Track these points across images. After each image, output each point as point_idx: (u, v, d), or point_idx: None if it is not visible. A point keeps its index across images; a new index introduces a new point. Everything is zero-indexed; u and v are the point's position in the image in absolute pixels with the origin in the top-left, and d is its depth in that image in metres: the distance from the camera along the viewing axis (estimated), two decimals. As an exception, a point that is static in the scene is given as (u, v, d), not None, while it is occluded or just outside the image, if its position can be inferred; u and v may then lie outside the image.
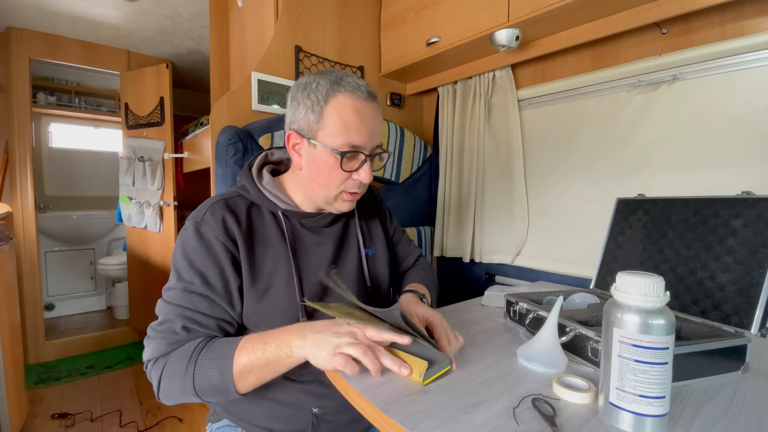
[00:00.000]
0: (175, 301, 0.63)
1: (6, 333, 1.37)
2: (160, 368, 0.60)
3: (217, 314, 0.64)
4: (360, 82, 0.67)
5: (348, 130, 0.64)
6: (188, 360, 0.58)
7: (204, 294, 0.63)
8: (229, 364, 0.56)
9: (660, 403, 0.41)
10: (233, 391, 0.57)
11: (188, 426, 1.69)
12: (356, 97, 0.65)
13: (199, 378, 0.57)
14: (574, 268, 1.18)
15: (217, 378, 0.57)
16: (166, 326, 0.61)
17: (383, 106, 1.58)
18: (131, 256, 2.58)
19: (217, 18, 1.59)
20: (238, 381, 0.56)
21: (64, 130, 3.30)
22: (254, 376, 0.57)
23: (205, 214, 0.67)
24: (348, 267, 0.78)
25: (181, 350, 0.60)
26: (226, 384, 0.56)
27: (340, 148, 0.65)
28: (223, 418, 0.75)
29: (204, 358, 0.58)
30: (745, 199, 0.68)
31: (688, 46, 0.95)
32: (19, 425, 1.50)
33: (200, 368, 0.57)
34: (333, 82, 0.65)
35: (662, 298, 0.41)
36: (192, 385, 0.57)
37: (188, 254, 0.64)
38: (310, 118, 0.66)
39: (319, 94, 0.65)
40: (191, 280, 0.63)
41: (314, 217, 0.75)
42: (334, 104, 0.64)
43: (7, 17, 2.09)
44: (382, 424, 0.46)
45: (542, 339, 0.60)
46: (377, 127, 0.68)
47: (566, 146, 1.21)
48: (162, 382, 0.59)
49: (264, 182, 0.74)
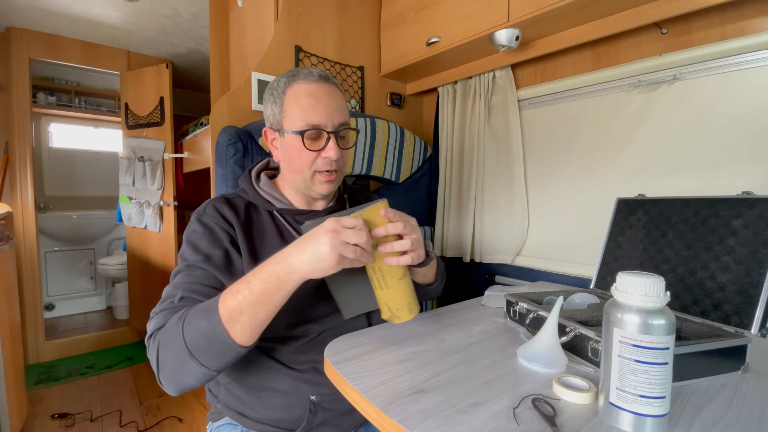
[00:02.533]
0: (177, 280, 0.65)
1: (6, 333, 1.37)
2: (157, 341, 0.58)
3: (216, 285, 0.65)
4: (313, 69, 0.74)
5: (305, 111, 0.70)
6: (177, 320, 0.57)
7: (204, 268, 0.66)
8: (214, 308, 0.55)
9: (660, 404, 0.41)
10: (228, 339, 0.54)
11: (188, 426, 1.69)
12: (308, 81, 0.72)
13: (189, 331, 0.55)
14: (574, 268, 1.18)
15: (204, 325, 0.54)
16: (167, 302, 0.63)
17: (383, 107, 1.58)
18: (131, 256, 2.58)
19: (217, 18, 1.59)
20: (230, 325, 0.54)
21: (64, 130, 3.30)
22: (247, 317, 0.54)
23: (206, 208, 0.73)
24: None
25: (173, 317, 0.59)
26: (216, 329, 0.54)
27: (301, 128, 0.70)
28: (224, 416, 0.75)
29: (192, 312, 0.57)
30: (745, 199, 0.68)
31: (688, 46, 0.95)
32: (19, 425, 1.50)
33: (188, 322, 0.56)
34: (289, 76, 0.73)
35: (662, 298, 0.41)
36: (183, 341, 0.55)
37: (192, 240, 0.69)
38: (275, 110, 0.74)
39: (279, 89, 0.73)
40: (194, 260, 0.66)
41: (307, 213, 0.78)
42: (290, 93, 0.72)
43: (7, 17, 2.09)
44: (382, 424, 0.46)
45: (542, 339, 0.60)
46: (336, 106, 0.72)
47: (566, 146, 1.21)
48: (159, 355, 0.57)
49: (261, 184, 0.80)
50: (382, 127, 1.32)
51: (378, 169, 1.34)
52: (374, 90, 1.54)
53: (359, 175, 1.31)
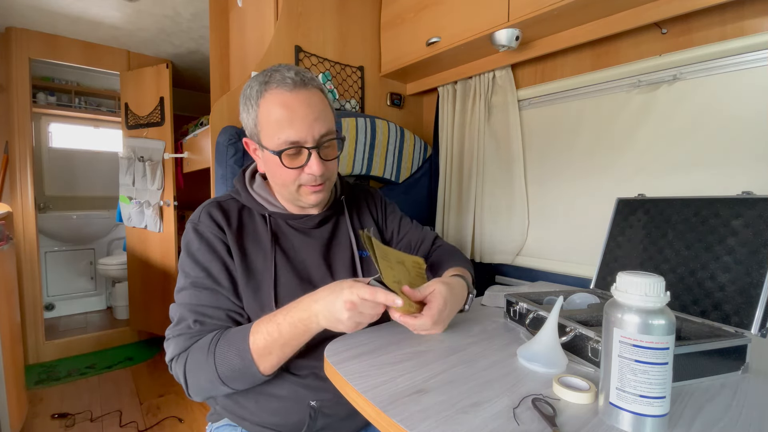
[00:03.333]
0: (185, 300, 0.66)
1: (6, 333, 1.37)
2: (182, 365, 0.62)
3: (224, 305, 0.66)
4: (287, 73, 0.63)
5: (281, 127, 0.63)
6: (206, 351, 0.60)
7: (210, 287, 0.66)
8: (246, 345, 0.59)
9: (660, 404, 0.41)
10: (257, 373, 0.60)
11: (188, 426, 1.70)
12: (281, 91, 0.63)
13: (221, 364, 0.59)
14: (574, 268, 1.18)
15: (237, 361, 0.59)
16: (182, 325, 0.64)
17: (383, 107, 1.58)
18: (131, 256, 2.58)
19: (217, 18, 1.59)
20: (260, 362, 0.59)
21: (64, 130, 3.30)
22: (275, 356, 0.60)
23: (200, 216, 0.71)
24: (340, 269, 0.78)
25: (198, 344, 0.62)
26: (248, 366, 0.59)
27: (278, 147, 0.64)
28: (223, 417, 0.75)
29: (221, 346, 0.60)
30: (745, 199, 0.68)
31: (688, 46, 0.95)
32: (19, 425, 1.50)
33: (219, 355, 0.60)
34: (261, 83, 0.65)
35: (662, 298, 0.41)
36: (216, 373, 0.59)
37: (192, 253, 0.68)
38: (250, 123, 0.68)
39: (252, 99, 0.65)
40: (197, 276, 0.66)
41: (301, 218, 0.76)
42: (263, 105, 0.64)
43: (7, 17, 2.09)
44: (382, 424, 0.46)
45: (542, 339, 0.60)
46: (315, 115, 0.64)
47: (566, 146, 1.21)
48: (188, 377, 0.61)
49: (255, 185, 0.77)
50: (382, 127, 1.32)
51: (378, 169, 1.34)
52: (374, 90, 1.54)
53: (359, 175, 1.31)
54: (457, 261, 0.85)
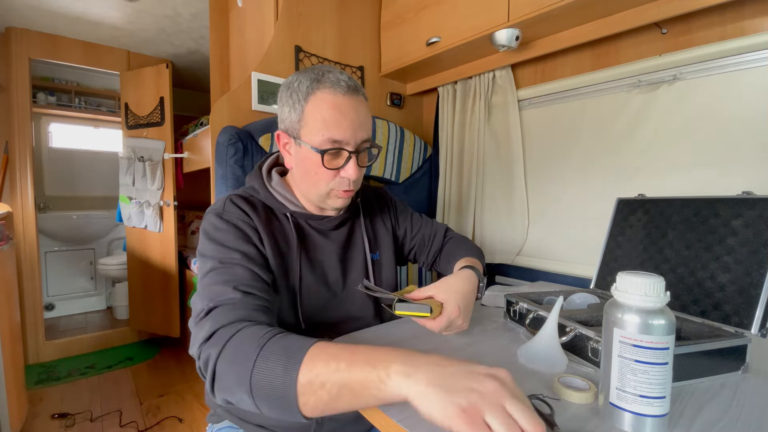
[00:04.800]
0: (215, 280, 0.57)
1: (6, 333, 1.37)
2: (219, 345, 0.48)
3: (265, 279, 0.61)
4: (341, 77, 0.65)
5: (328, 126, 0.63)
6: (256, 342, 0.47)
7: (244, 265, 0.59)
8: (298, 360, 0.44)
9: (660, 404, 0.41)
10: (294, 403, 0.43)
11: (188, 426, 1.69)
12: (334, 92, 0.64)
13: (261, 368, 0.44)
14: (574, 268, 1.18)
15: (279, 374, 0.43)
16: (220, 299, 0.53)
17: (383, 107, 1.58)
18: (131, 256, 2.58)
19: (217, 18, 1.59)
20: (304, 392, 0.42)
21: (64, 130, 3.30)
22: (326, 393, 0.42)
23: (225, 205, 0.67)
24: (354, 272, 0.78)
25: (249, 330, 0.49)
26: (288, 387, 0.43)
27: (321, 145, 0.64)
28: (224, 419, 0.75)
29: (274, 345, 0.46)
30: (745, 199, 0.68)
31: (688, 46, 0.95)
32: (19, 425, 1.50)
33: (265, 355, 0.45)
34: (313, 80, 0.64)
35: (662, 298, 0.41)
36: (250, 375, 0.44)
37: (217, 238, 0.62)
38: (293, 117, 0.66)
39: (300, 93, 0.65)
40: (225, 256, 0.60)
41: (321, 219, 0.75)
42: (313, 101, 0.64)
43: (7, 17, 2.09)
44: (382, 424, 0.46)
45: (542, 339, 0.60)
46: (360, 121, 0.66)
47: (566, 146, 1.21)
48: (219, 365, 0.47)
49: (273, 183, 0.74)
50: (382, 127, 1.32)
51: (378, 169, 1.34)
52: (374, 90, 1.54)
53: (359, 175, 1.31)
54: (467, 251, 0.85)
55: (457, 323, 0.64)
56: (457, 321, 0.63)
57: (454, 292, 0.65)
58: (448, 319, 0.62)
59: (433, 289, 0.66)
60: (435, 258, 0.92)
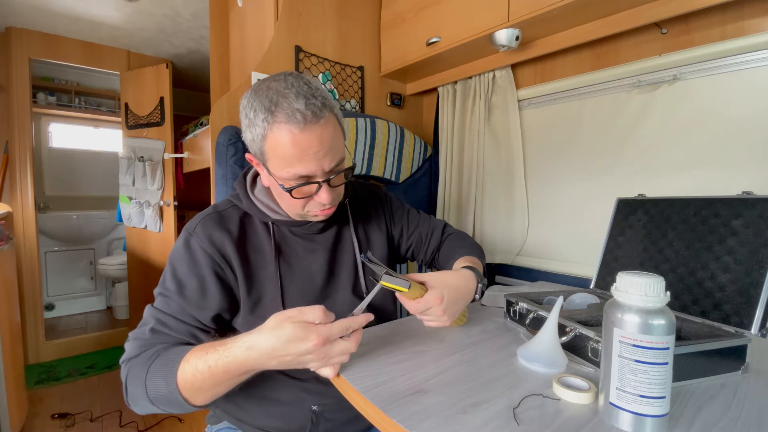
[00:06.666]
0: (155, 305, 0.64)
1: (6, 333, 1.37)
2: (125, 371, 0.59)
3: (188, 320, 0.63)
4: (296, 105, 0.57)
5: (290, 164, 0.59)
6: (144, 366, 0.56)
7: (177, 300, 0.63)
8: (173, 372, 0.54)
9: (660, 404, 0.41)
10: (185, 402, 0.54)
11: (188, 426, 1.70)
12: (290, 128, 0.57)
13: (151, 386, 0.55)
14: (574, 268, 1.18)
15: (163, 387, 0.54)
16: (141, 329, 0.62)
17: (383, 107, 1.58)
18: (131, 256, 2.58)
19: (217, 18, 1.59)
20: (187, 392, 0.54)
21: (64, 130, 3.31)
22: (205, 388, 0.54)
23: (196, 227, 0.67)
24: (343, 275, 0.76)
25: (144, 354, 0.59)
26: (173, 394, 0.53)
27: (287, 181, 0.61)
28: (223, 419, 0.75)
29: (155, 365, 0.56)
30: (745, 199, 0.68)
31: (688, 46, 0.95)
32: (19, 425, 1.50)
33: (151, 374, 0.55)
34: (267, 110, 0.58)
35: (662, 298, 0.41)
36: (145, 391, 0.55)
37: (173, 262, 0.66)
38: (254, 147, 0.63)
39: (257, 128, 0.60)
40: (170, 287, 0.64)
41: (304, 225, 0.73)
42: (271, 140, 0.59)
43: (7, 17, 2.09)
44: (382, 424, 0.46)
45: (542, 339, 0.60)
46: (326, 149, 0.60)
47: (566, 146, 1.21)
48: (128, 386, 0.58)
49: (256, 191, 0.73)
50: (382, 127, 1.32)
51: (378, 169, 1.34)
52: (374, 90, 1.54)
53: (359, 175, 1.31)
54: (467, 249, 0.83)
55: (435, 312, 0.62)
56: (437, 310, 0.61)
57: (445, 285, 0.64)
58: (425, 304, 0.61)
59: (428, 276, 0.65)
60: (433, 255, 0.91)
